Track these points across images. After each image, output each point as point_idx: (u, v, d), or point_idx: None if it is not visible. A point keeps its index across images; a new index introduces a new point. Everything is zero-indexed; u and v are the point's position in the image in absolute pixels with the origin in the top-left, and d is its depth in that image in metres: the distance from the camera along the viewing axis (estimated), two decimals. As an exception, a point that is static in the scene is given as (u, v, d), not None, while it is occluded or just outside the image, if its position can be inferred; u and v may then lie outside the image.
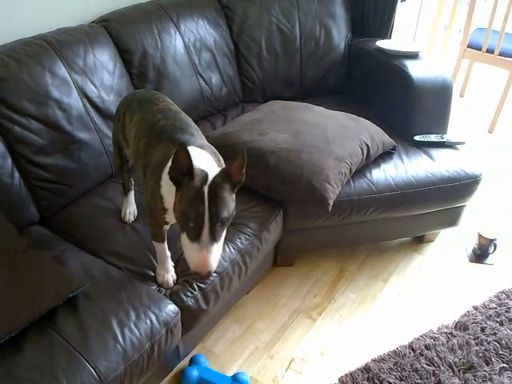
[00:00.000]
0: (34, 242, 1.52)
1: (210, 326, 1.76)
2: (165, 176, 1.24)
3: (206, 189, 1.10)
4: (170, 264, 1.48)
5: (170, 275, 1.47)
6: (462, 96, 3.69)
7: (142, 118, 1.41)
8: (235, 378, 1.61)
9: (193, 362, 1.66)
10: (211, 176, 1.13)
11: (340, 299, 1.99)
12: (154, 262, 1.50)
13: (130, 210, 1.67)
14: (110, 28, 1.86)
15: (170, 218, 1.31)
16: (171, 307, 1.38)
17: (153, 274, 1.48)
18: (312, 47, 2.40)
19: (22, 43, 1.63)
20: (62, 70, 1.65)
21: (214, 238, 1.10)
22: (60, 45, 1.68)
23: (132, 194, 1.69)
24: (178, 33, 2.04)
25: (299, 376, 1.69)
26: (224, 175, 1.14)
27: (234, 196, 1.17)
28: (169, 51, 2.00)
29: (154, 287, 1.45)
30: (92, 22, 1.91)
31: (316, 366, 1.72)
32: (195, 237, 1.10)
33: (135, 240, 1.58)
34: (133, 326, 1.28)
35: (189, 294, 1.44)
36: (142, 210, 1.67)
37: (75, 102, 1.68)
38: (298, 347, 1.79)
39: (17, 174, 1.57)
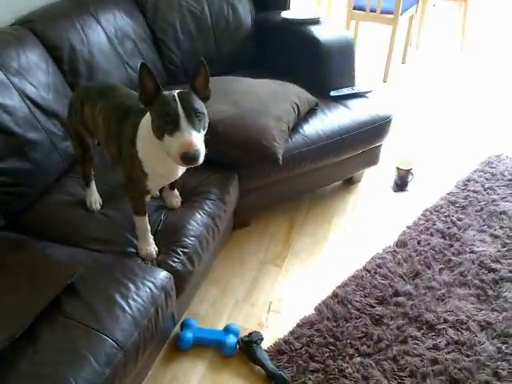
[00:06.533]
0: (7, 247, 1.52)
1: (193, 292, 1.89)
2: (139, 140, 1.35)
3: (175, 94, 1.23)
4: (151, 237, 1.58)
5: (152, 247, 1.56)
6: (354, 54, 4.10)
7: (108, 104, 1.47)
8: (227, 329, 1.77)
9: (184, 326, 1.79)
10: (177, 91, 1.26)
11: (297, 245, 2.22)
12: (132, 239, 1.59)
13: (95, 198, 1.72)
14: (34, 28, 1.85)
15: (151, 183, 1.43)
16: (164, 274, 1.49)
17: (134, 251, 1.57)
18: (223, 25, 2.55)
19: None
20: (0, 74, 1.65)
21: (192, 126, 1.18)
22: (-9, 49, 1.66)
23: (94, 184, 1.74)
24: (99, 26, 2.07)
25: (279, 315, 1.89)
26: (190, 88, 1.28)
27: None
28: (95, 44, 2.03)
29: (140, 261, 1.54)
30: (12, 25, 1.89)
31: (292, 302, 1.94)
32: (174, 127, 1.18)
33: (108, 224, 1.65)
34: (135, 296, 1.38)
35: (175, 259, 1.56)
36: (104, 198, 1.75)
37: (18, 103, 1.68)
38: (272, 291, 1.99)
39: (-26, 183, 1.56)
